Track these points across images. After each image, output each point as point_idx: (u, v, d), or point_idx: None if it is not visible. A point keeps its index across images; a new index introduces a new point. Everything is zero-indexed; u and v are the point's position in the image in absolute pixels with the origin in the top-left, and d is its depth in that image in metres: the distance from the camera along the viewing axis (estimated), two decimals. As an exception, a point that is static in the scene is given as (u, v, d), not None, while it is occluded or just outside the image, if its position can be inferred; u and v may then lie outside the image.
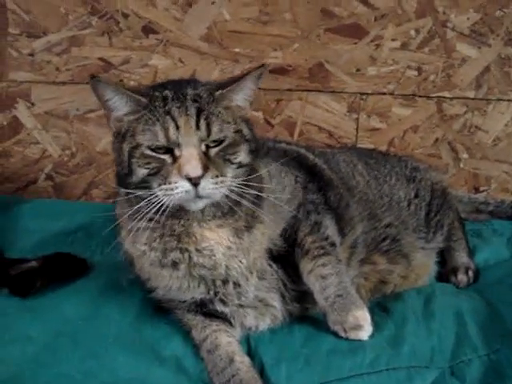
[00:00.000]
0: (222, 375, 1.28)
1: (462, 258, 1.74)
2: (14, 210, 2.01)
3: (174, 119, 1.22)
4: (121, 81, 2.16)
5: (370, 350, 1.33)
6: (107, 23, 2.13)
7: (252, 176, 1.29)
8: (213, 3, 2.10)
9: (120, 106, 1.27)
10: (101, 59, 2.16)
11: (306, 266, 1.37)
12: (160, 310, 1.44)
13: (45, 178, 2.28)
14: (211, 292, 1.35)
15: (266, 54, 2.13)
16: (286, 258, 1.39)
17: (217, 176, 1.22)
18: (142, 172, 1.24)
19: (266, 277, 1.38)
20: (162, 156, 1.23)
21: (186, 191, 1.21)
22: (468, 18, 2.08)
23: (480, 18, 2.07)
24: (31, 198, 2.17)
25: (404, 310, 1.49)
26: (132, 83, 2.16)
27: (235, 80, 1.30)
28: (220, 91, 1.27)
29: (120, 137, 1.28)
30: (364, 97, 2.16)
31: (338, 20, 2.09)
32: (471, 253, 1.78)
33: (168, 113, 1.23)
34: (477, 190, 2.23)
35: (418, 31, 2.10)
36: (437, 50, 2.11)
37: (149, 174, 1.24)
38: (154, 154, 1.23)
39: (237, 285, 1.35)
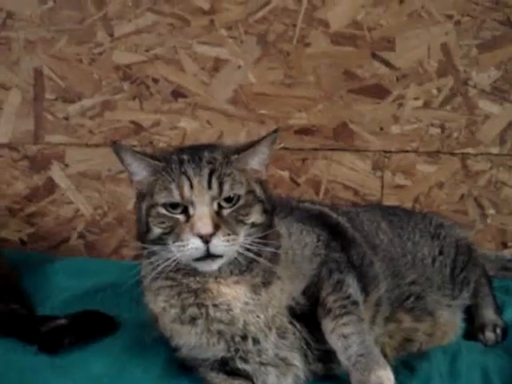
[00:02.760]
0: (244, 434, 1.29)
1: (489, 314, 1.72)
2: (45, 268, 2.06)
3: (188, 179, 1.28)
4: (151, 143, 2.22)
5: (394, 409, 1.32)
6: (138, 88, 2.21)
7: (267, 234, 1.33)
8: (239, 67, 2.17)
9: (139, 170, 1.34)
10: (132, 122, 2.24)
11: (328, 325, 1.36)
12: (183, 368, 1.45)
13: (77, 236, 2.33)
14: (232, 349, 1.36)
15: (291, 115, 2.19)
16: (309, 317, 1.40)
17: (228, 234, 1.26)
18: (157, 231, 1.30)
19: (286, 335, 1.38)
20: (176, 216, 1.28)
21: (197, 248, 1.25)
22: (489, 76, 2.11)
23: (501, 75, 2.10)
24: (63, 257, 2.22)
25: (429, 368, 1.47)
26: (161, 145, 2.22)
27: (251, 145, 1.36)
28: (236, 155, 1.33)
29: (140, 197, 1.35)
30: (388, 155, 2.18)
31: (360, 81, 2.15)
32: (499, 309, 1.75)
33: (184, 173, 1.29)
34: (505, 246, 2.21)
35: (439, 90, 2.14)
36: (459, 107, 2.14)
37: (163, 233, 1.29)
38: (168, 213, 1.29)
39: (256, 341, 1.36)
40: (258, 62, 2.17)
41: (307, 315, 1.40)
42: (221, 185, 1.28)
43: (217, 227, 1.25)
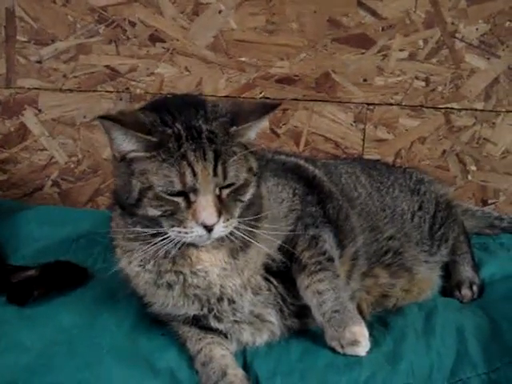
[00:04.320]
0: (215, 388, 1.27)
1: (466, 272, 1.71)
2: (18, 216, 2.01)
3: (190, 165, 1.17)
4: (127, 89, 2.16)
5: (367, 366, 1.31)
6: (114, 31, 2.13)
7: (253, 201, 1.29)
8: (220, 12, 2.09)
9: (128, 145, 1.21)
10: (108, 67, 2.17)
11: (303, 281, 1.35)
12: (156, 321, 1.43)
13: (51, 184, 2.29)
14: (205, 309, 1.34)
15: (273, 63, 2.12)
16: (285, 273, 1.38)
17: (227, 220, 1.22)
18: (153, 212, 1.22)
19: (261, 292, 1.36)
20: (176, 199, 1.20)
21: (200, 236, 1.21)
22: (477, 29, 2.05)
23: (489, 28, 2.05)
24: (36, 205, 2.17)
25: (404, 325, 1.46)
26: (138, 91, 2.16)
27: (250, 112, 1.25)
28: (235, 128, 1.23)
29: (125, 164, 1.23)
30: (371, 107, 2.14)
31: (345, 30, 2.08)
32: (476, 267, 1.74)
33: (184, 156, 1.18)
34: (485, 203, 2.19)
35: (426, 41, 2.08)
36: (445, 60, 2.09)
37: (161, 216, 1.22)
38: (167, 196, 1.20)
39: (231, 301, 1.34)
40: (239, 6, 2.08)
41: (283, 272, 1.38)
42: (225, 170, 1.19)
43: (219, 215, 1.20)
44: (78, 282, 1.61)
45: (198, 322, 1.37)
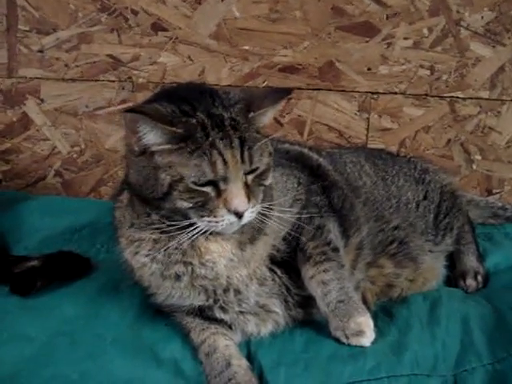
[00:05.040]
0: (219, 378, 1.27)
1: (471, 261, 1.70)
2: (21, 206, 2.01)
3: (220, 153, 1.18)
4: (129, 78, 2.15)
5: (372, 356, 1.30)
6: (116, 20, 2.12)
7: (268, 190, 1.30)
8: (222, 0, 2.08)
9: (154, 138, 1.19)
10: (110, 56, 2.16)
11: (307, 271, 1.34)
12: (159, 312, 1.42)
13: (54, 174, 2.28)
14: (211, 300, 1.34)
15: (276, 51, 2.11)
16: (289, 263, 1.37)
17: (254, 205, 1.23)
18: (183, 205, 1.21)
19: (266, 283, 1.35)
20: (206, 189, 1.19)
21: (232, 223, 1.21)
22: (482, 17, 2.03)
23: (495, 16, 2.03)
24: (39, 195, 2.18)
25: (409, 315, 1.46)
26: (141, 80, 2.16)
27: (263, 98, 1.26)
28: (252, 114, 1.23)
29: (146, 158, 1.22)
30: (375, 96, 2.12)
31: (349, 18, 2.06)
32: (481, 257, 1.73)
33: (213, 145, 1.18)
34: (489, 193, 2.18)
35: (430, 30, 2.06)
36: (450, 49, 2.07)
37: (191, 207, 1.21)
38: (198, 187, 1.19)
39: (237, 292, 1.33)
40: (242, -6, 2.07)
41: (287, 262, 1.37)
42: (250, 156, 1.20)
43: (249, 200, 1.21)
44: (80, 272, 1.60)
45: (202, 313, 1.37)
